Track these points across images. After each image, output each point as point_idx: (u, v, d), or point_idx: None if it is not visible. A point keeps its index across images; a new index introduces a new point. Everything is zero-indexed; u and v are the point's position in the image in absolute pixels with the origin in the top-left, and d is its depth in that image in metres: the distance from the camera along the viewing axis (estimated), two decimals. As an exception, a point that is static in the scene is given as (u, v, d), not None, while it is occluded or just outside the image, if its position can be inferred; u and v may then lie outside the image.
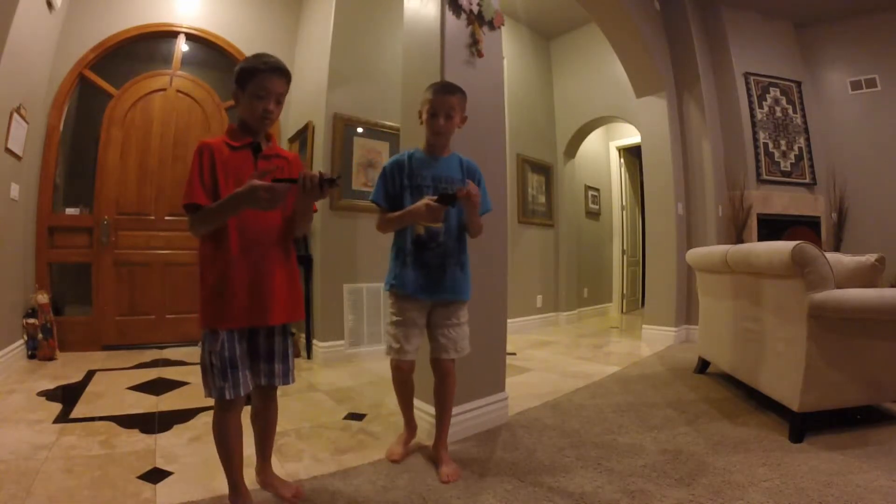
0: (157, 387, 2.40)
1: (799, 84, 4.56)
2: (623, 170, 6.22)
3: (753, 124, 4.30)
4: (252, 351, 1.26)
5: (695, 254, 2.82)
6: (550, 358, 3.37)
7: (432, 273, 1.54)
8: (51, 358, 2.87)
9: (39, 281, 3.03)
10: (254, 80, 1.22)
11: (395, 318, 1.60)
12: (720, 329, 2.52)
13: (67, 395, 2.20)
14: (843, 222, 4.53)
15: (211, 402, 1.22)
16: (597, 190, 5.93)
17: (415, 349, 1.59)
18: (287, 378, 1.29)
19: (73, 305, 3.28)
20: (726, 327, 2.43)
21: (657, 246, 4.05)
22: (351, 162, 3.29)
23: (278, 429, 1.76)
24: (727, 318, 2.42)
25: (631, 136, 5.82)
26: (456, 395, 1.74)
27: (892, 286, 2.52)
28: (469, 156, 1.73)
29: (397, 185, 1.56)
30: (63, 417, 1.91)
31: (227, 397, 1.18)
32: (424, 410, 1.81)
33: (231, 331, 1.20)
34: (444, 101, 1.51)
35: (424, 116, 1.55)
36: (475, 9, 1.98)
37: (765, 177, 4.27)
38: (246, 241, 1.20)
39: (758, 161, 4.27)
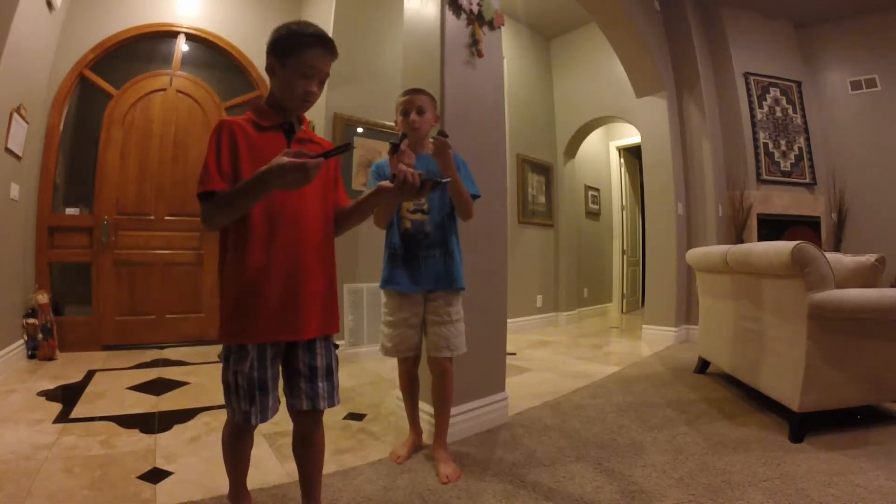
0: (157, 387, 2.40)
1: (799, 84, 4.56)
2: (623, 170, 6.22)
3: (753, 124, 4.30)
4: (290, 368, 1.09)
5: (695, 254, 2.82)
6: (550, 358, 3.37)
7: (421, 264, 1.57)
8: (51, 358, 2.87)
9: (39, 281, 3.03)
10: (298, 55, 1.03)
11: (387, 318, 1.64)
12: (720, 329, 2.52)
13: (67, 395, 2.20)
14: (843, 222, 4.53)
15: (211, 402, 1.19)
16: (597, 190, 5.93)
17: (408, 348, 1.62)
18: (332, 399, 1.10)
19: (73, 305, 3.27)
20: (726, 327, 2.43)
21: (657, 246, 4.05)
22: (351, 162, 3.30)
23: (278, 429, 1.77)
24: (727, 318, 2.42)
25: (631, 136, 5.82)
26: (456, 394, 1.74)
27: (892, 286, 2.52)
28: (469, 156, 1.73)
29: None
30: (63, 417, 1.91)
31: (253, 423, 1.04)
32: (424, 410, 1.81)
33: (262, 346, 1.03)
34: (414, 98, 1.58)
35: (399, 119, 1.61)
36: (475, 9, 1.98)
37: (765, 177, 4.27)
38: (279, 234, 1.02)
39: (758, 161, 4.27)
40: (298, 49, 1.03)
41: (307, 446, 1.15)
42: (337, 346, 1.17)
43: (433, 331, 1.59)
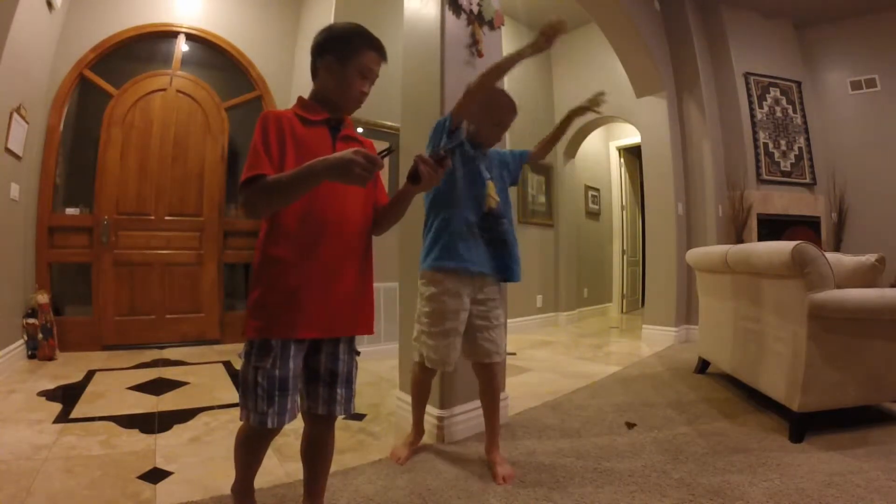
0: (157, 387, 2.40)
1: (799, 84, 4.56)
2: (623, 170, 6.22)
3: (753, 124, 4.30)
4: (310, 370, 1.07)
5: (695, 254, 2.82)
6: (550, 358, 3.37)
7: (498, 247, 1.54)
8: (51, 358, 2.87)
9: (39, 281, 3.03)
10: (358, 57, 1.06)
11: (433, 329, 1.49)
12: (720, 329, 2.52)
13: (67, 395, 2.20)
14: (843, 222, 4.53)
15: (211, 402, 1.18)
16: (597, 190, 5.93)
17: (450, 361, 1.51)
18: (349, 406, 1.10)
19: (73, 305, 3.27)
20: (726, 327, 2.43)
21: (657, 246, 4.05)
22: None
23: (278, 429, 1.77)
24: (727, 319, 2.42)
25: (631, 136, 5.81)
26: (457, 395, 1.74)
27: (893, 286, 2.52)
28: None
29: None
30: (63, 417, 1.91)
31: (269, 426, 0.99)
32: (427, 412, 1.81)
33: (287, 343, 1.00)
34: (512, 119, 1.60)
35: (494, 129, 1.59)
36: (475, 9, 1.98)
37: (765, 177, 4.27)
38: (320, 238, 1.01)
39: (758, 161, 4.27)
40: (361, 49, 1.07)
41: (318, 450, 1.14)
42: (359, 353, 1.15)
43: (484, 336, 1.53)
